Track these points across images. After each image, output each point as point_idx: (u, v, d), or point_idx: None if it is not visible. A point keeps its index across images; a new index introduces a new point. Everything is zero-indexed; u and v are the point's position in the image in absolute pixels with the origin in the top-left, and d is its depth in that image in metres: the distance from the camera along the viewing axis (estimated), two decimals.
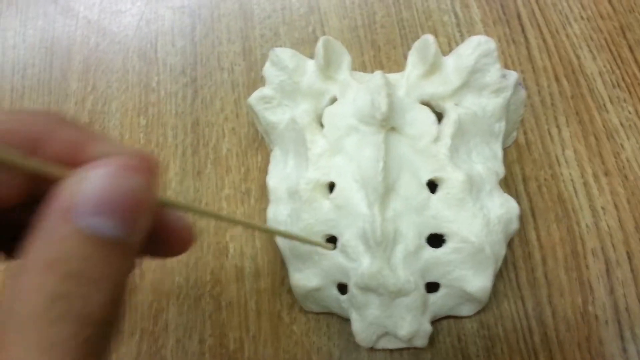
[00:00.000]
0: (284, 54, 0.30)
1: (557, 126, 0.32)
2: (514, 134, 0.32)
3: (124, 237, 0.13)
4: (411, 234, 0.26)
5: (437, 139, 0.27)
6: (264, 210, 0.33)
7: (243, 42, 0.39)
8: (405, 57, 0.36)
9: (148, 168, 0.14)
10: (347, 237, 0.27)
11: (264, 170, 0.35)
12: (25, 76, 0.41)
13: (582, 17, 0.35)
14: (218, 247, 0.33)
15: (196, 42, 0.40)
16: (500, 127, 0.29)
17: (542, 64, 0.34)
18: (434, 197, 0.27)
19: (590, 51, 0.34)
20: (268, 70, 0.31)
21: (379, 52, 0.37)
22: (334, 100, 0.30)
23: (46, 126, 0.15)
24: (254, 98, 0.32)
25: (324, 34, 0.38)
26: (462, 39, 0.36)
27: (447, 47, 0.36)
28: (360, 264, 0.26)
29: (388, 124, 0.26)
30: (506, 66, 0.35)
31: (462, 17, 0.37)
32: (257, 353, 0.30)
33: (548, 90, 0.33)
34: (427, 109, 0.28)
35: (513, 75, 0.28)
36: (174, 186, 0.35)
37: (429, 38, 0.27)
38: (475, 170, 0.27)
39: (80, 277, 0.13)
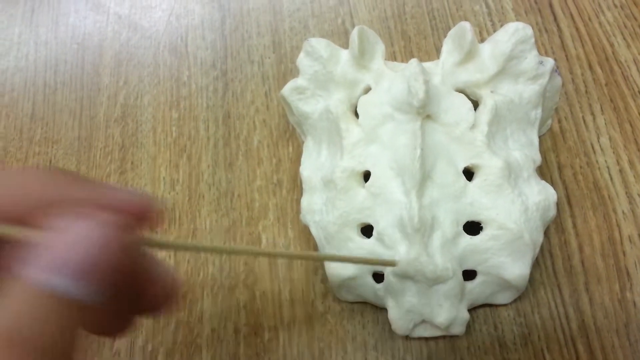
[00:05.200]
0: (319, 44, 0.30)
1: (592, 114, 0.32)
2: (549, 121, 0.32)
3: (87, 295, 0.14)
4: (448, 221, 0.26)
5: (473, 126, 0.27)
6: (296, 201, 0.34)
7: (273, 35, 0.40)
8: (436, 47, 0.36)
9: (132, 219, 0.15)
10: (383, 225, 0.27)
11: (295, 161, 0.35)
12: (58, 72, 0.42)
13: (615, 5, 0.35)
14: (251, 238, 0.33)
15: (226, 35, 0.40)
16: (537, 114, 0.28)
17: (575, 52, 0.34)
18: (470, 184, 0.27)
19: (624, 39, 0.34)
20: (302, 60, 0.31)
21: (409, 42, 0.37)
22: (367, 89, 0.30)
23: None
24: (287, 89, 0.32)
25: (353, 25, 0.38)
26: (494, 29, 0.36)
27: (479, 36, 0.36)
28: (397, 251, 0.26)
29: (425, 111, 0.26)
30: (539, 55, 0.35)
31: (493, 6, 0.37)
32: (291, 342, 0.30)
33: (582, 78, 0.33)
34: (463, 96, 0.28)
35: (550, 62, 0.28)
36: (206, 178, 0.36)
37: (466, 25, 0.27)
38: (512, 157, 0.27)
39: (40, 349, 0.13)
